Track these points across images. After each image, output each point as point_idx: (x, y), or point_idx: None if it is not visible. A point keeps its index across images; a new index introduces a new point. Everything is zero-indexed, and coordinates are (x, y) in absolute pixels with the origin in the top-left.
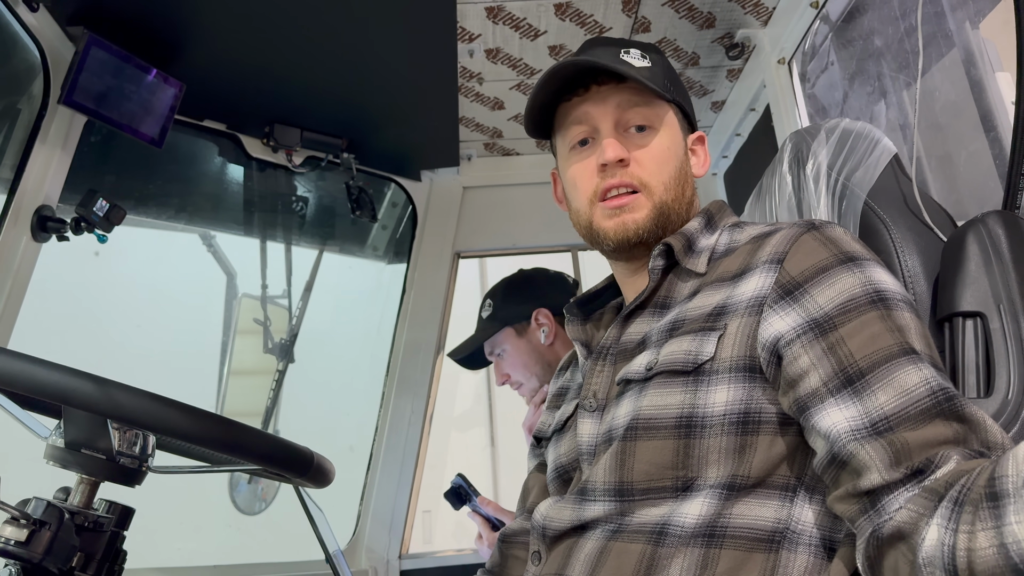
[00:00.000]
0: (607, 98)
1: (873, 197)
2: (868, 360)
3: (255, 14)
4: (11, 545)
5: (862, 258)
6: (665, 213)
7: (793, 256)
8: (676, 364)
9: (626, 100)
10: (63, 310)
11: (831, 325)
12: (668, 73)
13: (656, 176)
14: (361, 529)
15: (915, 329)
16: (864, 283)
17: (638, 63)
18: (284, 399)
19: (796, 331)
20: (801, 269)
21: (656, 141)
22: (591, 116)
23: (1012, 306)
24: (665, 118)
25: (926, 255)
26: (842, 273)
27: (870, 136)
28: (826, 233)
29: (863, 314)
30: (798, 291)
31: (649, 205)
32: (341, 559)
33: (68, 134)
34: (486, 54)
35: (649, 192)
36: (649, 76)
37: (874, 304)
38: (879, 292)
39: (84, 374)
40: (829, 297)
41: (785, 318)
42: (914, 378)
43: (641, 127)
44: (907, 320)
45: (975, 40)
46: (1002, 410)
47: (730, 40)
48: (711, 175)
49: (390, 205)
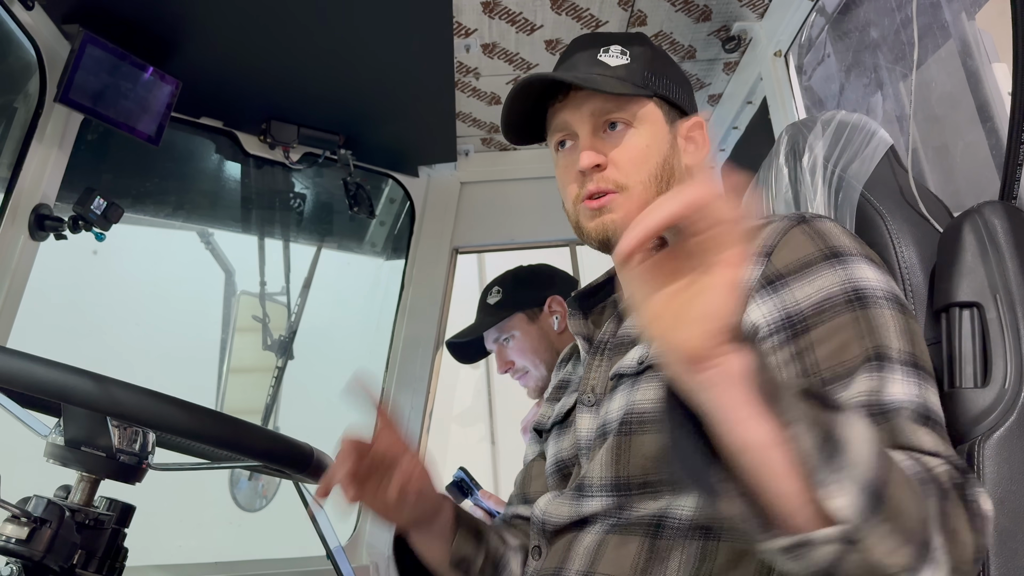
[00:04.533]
0: (581, 105)
1: (869, 189)
2: (831, 372)
3: (251, 11)
4: (12, 543)
5: (847, 254)
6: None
7: (781, 249)
8: None
9: (599, 107)
10: (62, 309)
11: (804, 327)
12: (650, 64)
13: (634, 176)
14: (362, 525)
15: (894, 327)
16: (844, 281)
17: (615, 62)
18: (284, 396)
19: (770, 327)
20: (786, 262)
21: (633, 140)
22: (569, 123)
23: (1008, 296)
24: (642, 114)
25: (922, 246)
26: (824, 270)
27: (866, 128)
28: (815, 227)
29: (837, 316)
30: (779, 282)
31: (628, 205)
32: (342, 555)
33: (65, 132)
34: (483, 49)
35: (627, 193)
36: (625, 74)
37: (850, 304)
38: (858, 291)
39: (83, 372)
40: (807, 294)
41: (762, 307)
42: (861, 387)
43: (615, 125)
44: (885, 318)
45: (971, 31)
46: (999, 399)
47: (726, 33)
48: (708, 168)
49: (388, 201)
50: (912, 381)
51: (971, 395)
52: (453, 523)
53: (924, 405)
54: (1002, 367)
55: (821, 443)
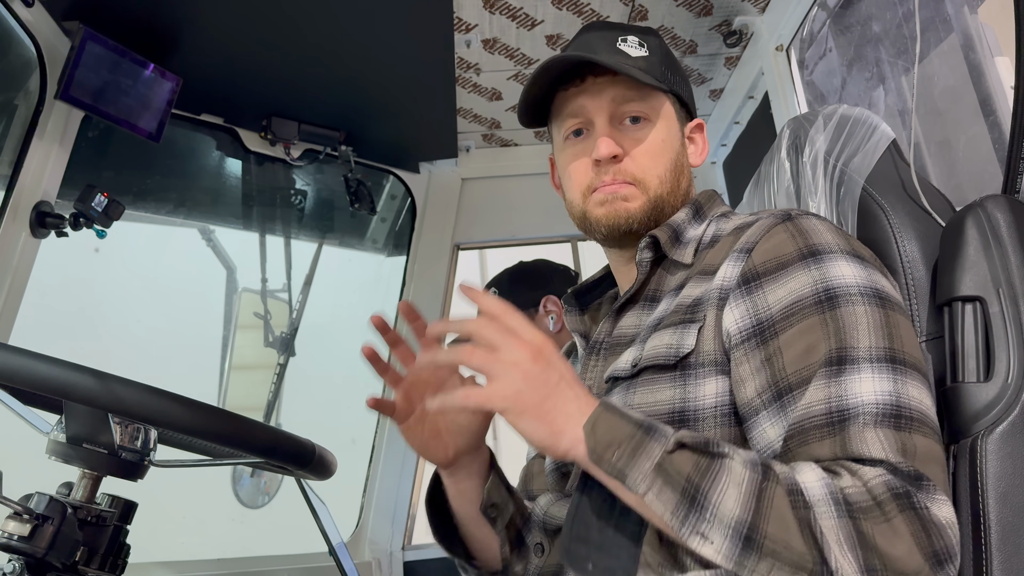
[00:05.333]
0: (602, 91)
1: (871, 183)
2: (797, 376)
3: (251, 7)
4: (14, 540)
5: (826, 251)
6: (659, 206)
7: (761, 247)
8: (659, 358)
9: (621, 94)
10: (64, 306)
11: (772, 332)
12: (666, 60)
13: (651, 170)
14: (364, 521)
15: (867, 323)
16: (816, 282)
17: (635, 52)
18: (286, 393)
19: (741, 334)
20: (763, 260)
21: (651, 134)
22: (586, 109)
23: (1011, 290)
24: (661, 110)
25: (925, 240)
26: (798, 271)
27: (868, 122)
28: (799, 224)
29: (805, 319)
30: (754, 283)
31: (643, 199)
32: (344, 551)
33: (65, 129)
34: (483, 44)
35: (644, 187)
36: (646, 67)
37: (819, 306)
38: (829, 290)
39: (85, 369)
40: (779, 297)
41: (735, 311)
42: (820, 394)
43: (636, 119)
44: (856, 316)
45: (973, 25)
46: (1002, 394)
47: (728, 27)
48: (710, 163)
49: (389, 197)
50: (884, 377)
51: (973, 390)
52: (488, 466)
53: (894, 402)
54: (1005, 361)
55: (677, 503)
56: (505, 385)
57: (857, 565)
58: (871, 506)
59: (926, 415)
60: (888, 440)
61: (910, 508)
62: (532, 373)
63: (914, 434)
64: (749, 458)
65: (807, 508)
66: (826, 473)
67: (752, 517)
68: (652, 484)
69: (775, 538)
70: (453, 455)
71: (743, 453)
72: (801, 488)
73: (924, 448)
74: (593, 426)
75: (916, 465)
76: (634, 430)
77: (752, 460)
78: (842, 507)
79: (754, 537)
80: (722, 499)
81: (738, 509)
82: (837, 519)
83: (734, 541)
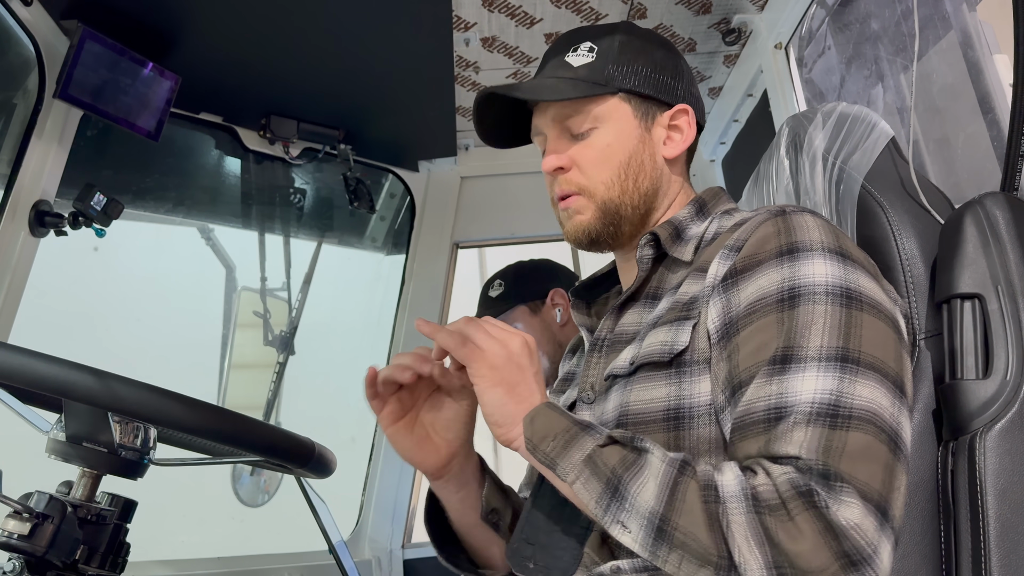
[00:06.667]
0: (546, 111)
1: (870, 180)
2: (747, 373)
3: (250, 6)
4: (14, 539)
5: (804, 249)
6: (611, 210)
7: (749, 244)
8: (654, 356)
9: (558, 112)
10: (63, 305)
11: (735, 329)
12: (618, 57)
13: (595, 177)
14: (364, 519)
15: (824, 323)
16: (783, 280)
17: (579, 61)
18: (285, 391)
19: (717, 333)
20: (744, 257)
21: (597, 140)
22: (540, 128)
23: (1010, 287)
24: (602, 114)
25: (924, 238)
26: (770, 269)
27: (867, 120)
28: (789, 221)
29: (763, 317)
30: (731, 280)
31: (592, 207)
32: (344, 549)
33: (64, 128)
34: (482, 42)
35: (590, 194)
36: (586, 74)
37: (780, 304)
38: (794, 289)
39: (84, 367)
40: (747, 295)
41: (713, 309)
42: (761, 392)
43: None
44: (814, 315)
45: (972, 22)
46: (1001, 390)
47: (727, 25)
48: (709, 161)
49: (388, 196)
50: (829, 376)
51: (972, 387)
52: (480, 470)
53: (833, 401)
54: (1003, 358)
55: (601, 493)
56: (493, 355)
57: (763, 560)
58: (777, 504)
59: (876, 414)
60: (811, 438)
61: (812, 507)
62: (517, 355)
63: (851, 432)
64: (671, 455)
65: (718, 503)
66: (742, 471)
67: (664, 509)
68: (580, 474)
69: (684, 530)
70: (446, 455)
71: (664, 450)
72: (716, 484)
73: (857, 447)
74: (532, 419)
75: (834, 464)
76: (570, 426)
77: (673, 457)
78: (751, 503)
79: (665, 528)
80: (641, 491)
81: (653, 501)
82: (746, 515)
83: (648, 531)
